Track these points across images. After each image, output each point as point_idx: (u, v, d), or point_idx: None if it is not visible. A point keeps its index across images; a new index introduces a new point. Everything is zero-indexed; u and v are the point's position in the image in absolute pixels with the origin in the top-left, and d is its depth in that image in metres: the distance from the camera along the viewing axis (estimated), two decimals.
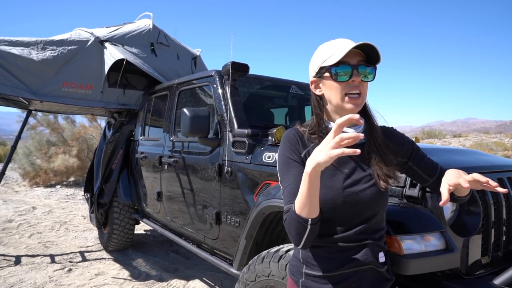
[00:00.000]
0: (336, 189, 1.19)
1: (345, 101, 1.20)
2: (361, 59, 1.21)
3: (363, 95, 1.21)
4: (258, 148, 2.46)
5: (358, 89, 1.20)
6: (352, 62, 1.19)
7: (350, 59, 1.19)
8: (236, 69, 2.79)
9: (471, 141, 17.21)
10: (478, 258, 1.75)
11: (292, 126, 1.36)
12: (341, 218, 1.20)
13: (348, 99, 1.20)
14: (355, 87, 1.19)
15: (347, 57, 1.18)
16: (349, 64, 1.19)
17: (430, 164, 1.38)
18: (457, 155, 2.20)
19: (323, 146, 0.97)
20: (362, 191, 1.19)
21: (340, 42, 1.22)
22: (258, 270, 2.00)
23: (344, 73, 1.19)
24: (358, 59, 1.20)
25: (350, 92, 1.19)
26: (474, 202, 1.76)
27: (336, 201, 1.18)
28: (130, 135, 4.57)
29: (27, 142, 11.27)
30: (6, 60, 3.72)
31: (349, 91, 1.20)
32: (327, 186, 1.19)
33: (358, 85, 1.19)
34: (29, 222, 6.21)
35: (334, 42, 1.24)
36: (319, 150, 0.98)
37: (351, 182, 1.20)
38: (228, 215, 2.66)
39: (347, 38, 1.24)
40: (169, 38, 4.84)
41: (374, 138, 1.26)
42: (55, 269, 4.05)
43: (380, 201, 1.23)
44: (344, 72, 1.19)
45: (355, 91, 1.19)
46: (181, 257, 4.60)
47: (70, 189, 9.93)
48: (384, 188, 1.20)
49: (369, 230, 1.23)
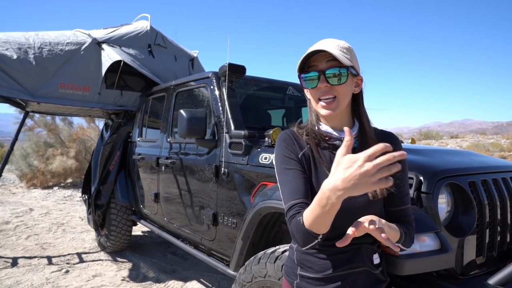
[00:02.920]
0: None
1: (319, 107, 1.18)
2: (332, 61, 1.14)
3: (339, 98, 1.16)
4: (255, 149, 2.47)
5: (330, 94, 1.15)
6: (321, 66, 1.15)
7: (319, 63, 1.15)
8: (233, 71, 2.80)
9: (468, 142, 17.27)
10: (473, 258, 1.76)
11: (289, 127, 1.34)
12: (335, 222, 1.18)
13: (321, 105, 1.17)
14: (326, 93, 1.15)
15: (315, 61, 1.14)
16: (316, 70, 1.15)
17: (401, 196, 1.24)
18: (453, 156, 2.22)
19: (354, 173, 0.85)
20: (355, 198, 1.14)
21: (315, 45, 1.17)
22: (254, 271, 2.00)
23: (311, 79, 1.16)
24: (328, 62, 1.15)
25: (322, 97, 1.16)
26: (469, 202, 1.77)
27: None
28: (128, 136, 4.57)
29: (25, 144, 11.23)
30: (3, 62, 3.72)
31: (321, 96, 1.16)
32: None
33: (329, 90, 1.15)
34: (26, 223, 6.19)
35: (311, 46, 1.18)
36: (348, 179, 0.86)
37: None
38: (225, 216, 2.67)
39: (344, 37, 1.20)
40: (167, 39, 4.85)
41: (365, 143, 1.20)
42: (52, 270, 4.04)
43: (374, 207, 1.19)
44: (310, 78, 1.16)
45: (326, 96, 1.15)
46: (179, 258, 4.59)
47: (68, 191, 9.90)
48: (373, 198, 1.16)
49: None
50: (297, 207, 1.12)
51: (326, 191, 0.92)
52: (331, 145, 1.23)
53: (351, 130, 0.94)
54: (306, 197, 1.14)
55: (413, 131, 75.83)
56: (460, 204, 1.79)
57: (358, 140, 1.23)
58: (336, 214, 1.01)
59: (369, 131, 1.23)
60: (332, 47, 1.14)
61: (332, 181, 0.90)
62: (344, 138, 1.13)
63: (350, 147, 0.92)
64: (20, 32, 4.02)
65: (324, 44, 1.15)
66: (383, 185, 0.86)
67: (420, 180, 1.71)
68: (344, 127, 0.95)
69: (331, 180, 0.91)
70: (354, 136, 1.22)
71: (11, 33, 3.97)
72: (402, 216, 1.24)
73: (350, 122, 1.25)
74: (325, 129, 1.24)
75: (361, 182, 0.85)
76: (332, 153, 1.22)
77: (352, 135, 0.94)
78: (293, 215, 1.11)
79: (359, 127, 1.24)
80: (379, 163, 0.84)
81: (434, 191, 1.68)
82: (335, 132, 1.23)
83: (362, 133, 1.23)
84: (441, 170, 1.79)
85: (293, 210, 1.12)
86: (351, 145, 0.92)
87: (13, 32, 3.99)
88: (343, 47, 1.16)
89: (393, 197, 1.22)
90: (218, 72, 2.95)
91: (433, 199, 1.67)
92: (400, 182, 1.23)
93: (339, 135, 1.22)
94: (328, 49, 1.12)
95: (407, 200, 1.25)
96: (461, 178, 1.82)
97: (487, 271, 1.79)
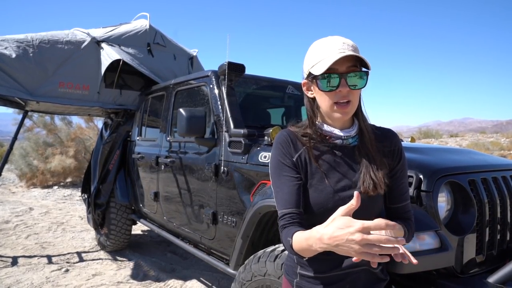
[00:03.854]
0: (327, 193, 1.17)
1: (333, 110, 1.16)
2: (351, 64, 1.13)
3: (353, 102, 1.15)
4: (254, 148, 2.47)
5: (347, 98, 1.14)
6: (341, 69, 1.13)
7: (338, 66, 1.12)
8: (232, 70, 2.79)
9: (467, 141, 17.28)
10: (473, 257, 1.76)
11: (287, 127, 1.33)
12: None
13: (337, 107, 1.15)
14: (343, 96, 1.14)
15: (335, 64, 1.11)
16: (337, 72, 1.13)
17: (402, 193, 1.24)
18: (453, 154, 2.22)
19: (342, 237, 0.88)
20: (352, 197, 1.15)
21: (330, 45, 1.14)
22: (254, 270, 2.00)
23: (331, 83, 1.13)
24: (348, 65, 1.13)
25: (339, 101, 1.14)
26: (469, 200, 1.77)
27: (327, 205, 1.16)
28: (127, 135, 4.57)
29: (24, 143, 11.23)
30: (2, 61, 3.70)
31: (338, 100, 1.14)
32: (319, 189, 1.18)
33: (347, 94, 1.14)
34: (26, 223, 6.19)
35: (324, 44, 1.16)
36: (334, 239, 0.90)
37: (343, 186, 1.18)
38: (225, 215, 2.67)
39: (344, 37, 1.15)
40: (166, 38, 4.84)
41: (363, 142, 1.21)
42: (52, 269, 4.04)
43: (373, 206, 1.19)
44: (331, 81, 1.13)
45: (344, 100, 1.14)
46: (179, 258, 4.59)
47: (67, 190, 9.90)
48: (372, 195, 1.15)
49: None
50: (287, 217, 1.14)
51: (313, 238, 0.98)
52: (332, 143, 1.23)
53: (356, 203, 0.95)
54: (297, 206, 1.15)
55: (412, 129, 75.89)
56: (460, 202, 1.79)
57: (358, 138, 1.23)
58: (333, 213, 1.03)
59: (366, 131, 1.23)
60: (354, 50, 1.13)
61: (321, 233, 0.95)
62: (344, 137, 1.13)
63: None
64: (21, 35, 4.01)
65: (345, 46, 1.13)
66: (369, 258, 0.87)
67: (419, 179, 1.71)
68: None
69: (321, 231, 0.96)
70: (354, 134, 1.23)
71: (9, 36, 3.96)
72: (402, 212, 1.25)
73: (350, 121, 1.25)
74: (328, 129, 1.23)
75: (345, 247, 0.89)
76: (332, 152, 1.22)
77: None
78: (284, 226, 1.14)
79: (358, 125, 1.24)
80: (369, 240, 0.86)
81: (434, 190, 1.68)
82: (335, 131, 1.22)
83: (360, 132, 1.23)
84: (440, 169, 1.79)
85: (284, 220, 1.15)
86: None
87: (12, 35, 3.98)
88: (357, 48, 1.15)
89: (394, 194, 1.23)
90: (217, 71, 2.94)
91: (433, 197, 1.67)
92: (401, 179, 1.24)
93: (340, 134, 1.22)
94: (358, 55, 1.11)
95: (407, 196, 1.26)
96: (461, 176, 1.82)
97: (487, 269, 1.79)
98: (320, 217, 1.17)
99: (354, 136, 1.23)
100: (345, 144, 1.22)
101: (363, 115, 1.26)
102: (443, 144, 15.83)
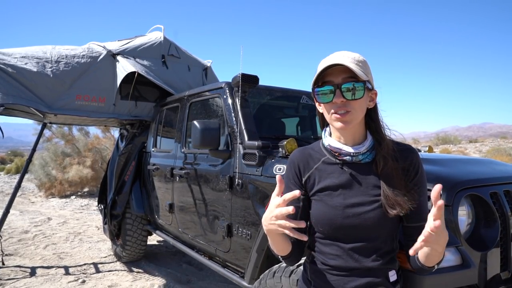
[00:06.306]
0: (336, 209, 1.16)
1: (333, 119, 1.16)
2: (347, 76, 1.12)
3: (353, 113, 1.13)
4: (268, 160, 2.45)
5: (344, 108, 1.12)
6: (336, 80, 1.13)
7: (334, 78, 1.13)
8: (246, 81, 2.79)
9: (487, 146, 16.87)
10: (497, 273, 1.69)
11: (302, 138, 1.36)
12: (345, 238, 1.16)
13: (335, 117, 1.14)
14: (340, 107, 1.13)
15: (330, 75, 1.12)
16: (332, 84, 1.13)
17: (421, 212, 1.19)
18: (473, 165, 2.15)
19: (268, 214, 1.10)
20: (365, 213, 1.14)
21: (329, 59, 1.15)
22: (269, 285, 1.97)
23: (326, 94, 1.14)
24: (343, 77, 1.12)
25: (337, 111, 1.14)
26: (491, 214, 1.71)
27: (336, 221, 1.15)
28: (142, 146, 4.61)
29: (43, 153, 11.49)
30: (23, 76, 3.80)
31: (336, 110, 1.14)
32: (328, 205, 1.17)
33: (344, 105, 1.12)
34: (44, 233, 6.29)
35: (326, 58, 1.17)
36: (264, 219, 1.11)
37: (354, 203, 1.16)
38: (240, 227, 2.65)
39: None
40: (180, 50, 4.89)
41: (381, 158, 1.17)
42: (69, 280, 4.08)
43: (384, 225, 1.16)
44: (325, 93, 1.14)
45: (341, 111, 1.13)
46: (194, 268, 4.58)
47: (85, 200, 10.05)
48: (391, 215, 1.12)
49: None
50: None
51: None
52: (341, 160, 1.22)
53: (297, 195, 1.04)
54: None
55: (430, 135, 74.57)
56: (481, 216, 1.73)
57: (370, 155, 1.21)
58: (343, 229, 1.15)
59: (386, 146, 1.19)
60: (348, 60, 1.11)
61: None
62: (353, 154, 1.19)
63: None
64: (38, 46, 4.12)
65: (339, 57, 1.13)
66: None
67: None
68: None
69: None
70: (365, 151, 1.20)
71: (29, 47, 4.06)
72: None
73: (363, 136, 1.22)
74: (335, 145, 1.22)
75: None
76: (342, 169, 1.21)
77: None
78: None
79: (373, 141, 1.21)
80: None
81: (454, 203, 1.63)
82: (344, 148, 1.20)
83: (377, 146, 1.20)
84: (460, 181, 1.73)
85: None
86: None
87: (31, 46, 4.09)
88: (358, 61, 1.13)
89: (411, 213, 1.17)
90: (231, 82, 2.95)
91: (453, 211, 1.61)
92: (418, 196, 1.18)
93: (348, 151, 1.19)
94: (345, 63, 1.10)
95: (425, 216, 1.16)
96: (482, 189, 1.76)
97: None
98: (332, 233, 1.16)
99: (365, 152, 1.19)
100: (355, 161, 1.20)
101: (381, 131, 1.23)
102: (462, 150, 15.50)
